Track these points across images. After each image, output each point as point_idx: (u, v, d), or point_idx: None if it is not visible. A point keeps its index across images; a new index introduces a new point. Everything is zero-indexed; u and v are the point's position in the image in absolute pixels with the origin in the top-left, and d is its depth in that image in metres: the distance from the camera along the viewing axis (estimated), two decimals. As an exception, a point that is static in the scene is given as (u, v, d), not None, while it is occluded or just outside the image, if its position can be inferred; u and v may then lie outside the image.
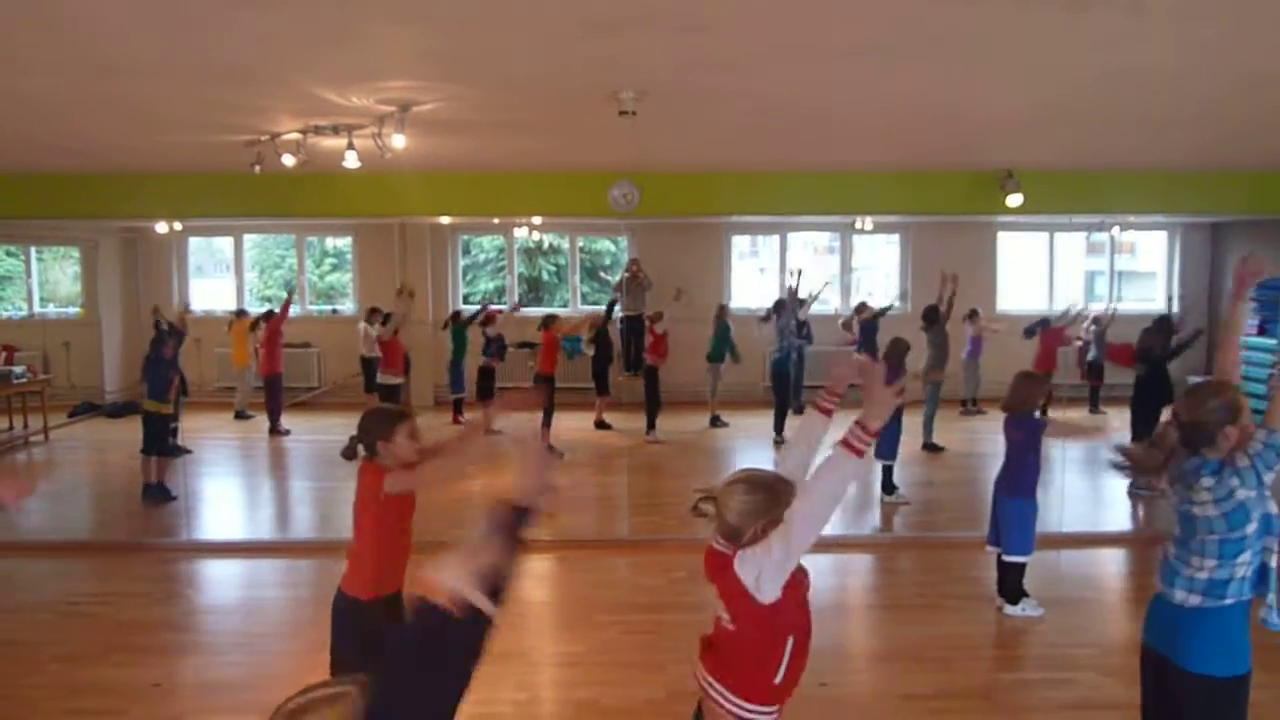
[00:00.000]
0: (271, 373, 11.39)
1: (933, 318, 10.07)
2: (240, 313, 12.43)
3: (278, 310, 11.63)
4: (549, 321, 10.18)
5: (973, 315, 11.42)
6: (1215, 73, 4.99)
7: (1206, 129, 6.67)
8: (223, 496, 9.16)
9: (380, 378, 10.34)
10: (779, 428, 10.57)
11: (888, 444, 7.96)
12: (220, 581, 6.70)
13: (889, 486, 8.19)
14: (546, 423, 10.08)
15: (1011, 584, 5.63)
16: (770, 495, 2.52)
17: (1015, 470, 5.62)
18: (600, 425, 11.55)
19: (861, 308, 11.75)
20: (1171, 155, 7.87)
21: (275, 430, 11.37)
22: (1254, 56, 4.58)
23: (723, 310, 11.68)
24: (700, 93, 5.52)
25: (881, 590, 6.45)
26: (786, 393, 10.59)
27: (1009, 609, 5.63)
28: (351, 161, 6.60)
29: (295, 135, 6.57)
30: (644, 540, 7.18)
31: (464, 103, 5.70)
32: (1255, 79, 5.07)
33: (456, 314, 12.04)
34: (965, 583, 5.96)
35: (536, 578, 6.67)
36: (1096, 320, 12.02)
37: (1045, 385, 5.90)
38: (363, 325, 11.57)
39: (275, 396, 11.44)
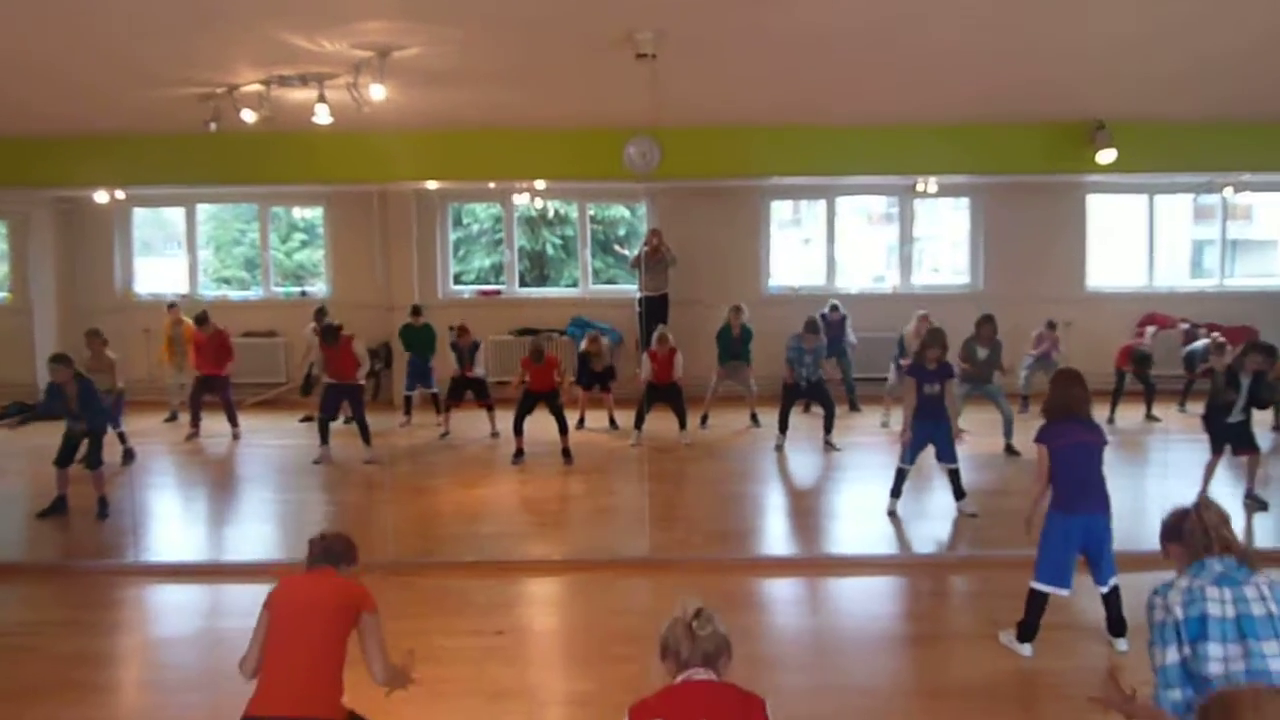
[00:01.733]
0: (204, 373, 11.46)
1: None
2: (171, 305, 12.48)
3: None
4: (538, 356, 10.23)
5: (1050, 327, 11.41)
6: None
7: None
8: (173, 511, 9.27)
9: (325, 378, 10.31)
10: (782, 424, 10.78)
11: (913, 448, 8.09)
12: (173, 609, 6.78)
13: (959, 493, 8.17)
14: (563, 430, 10.34)
15: (1119, 610, 5.62)
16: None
17: (1099, 480, 5.59)
18: (613, 424, 11.89)
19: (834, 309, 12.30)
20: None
21: (193, 435, 11.51)
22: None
23: (735, 311, 11.89)
24: (729, 31, 5.50)
25: (948, 618, 6.44)
26: (793, 399, 10.79)
27: (1121, 644, 5.63)
28: (322, 117, 6.65)
29: (257, 87, 6.63)
30: (667, 560, 7.21)
31: (452, 47, 5.73)
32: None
33: (416, 309, 11.99)
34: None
35: (544, 603, 6.72)
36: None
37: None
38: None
39: (195, 398, 11.53)
